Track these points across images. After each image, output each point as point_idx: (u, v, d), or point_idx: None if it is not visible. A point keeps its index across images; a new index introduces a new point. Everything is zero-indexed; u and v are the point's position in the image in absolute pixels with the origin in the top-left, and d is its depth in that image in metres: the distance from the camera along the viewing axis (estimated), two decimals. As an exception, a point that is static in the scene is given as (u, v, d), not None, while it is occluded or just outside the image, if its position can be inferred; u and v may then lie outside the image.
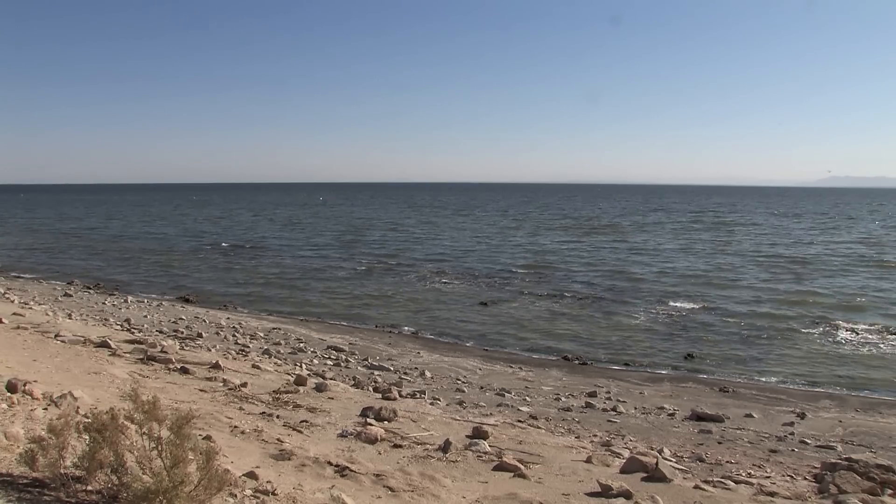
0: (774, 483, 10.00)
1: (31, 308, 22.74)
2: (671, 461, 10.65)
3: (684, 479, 9.40)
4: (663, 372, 19.42)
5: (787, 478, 10.52)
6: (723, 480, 9.69)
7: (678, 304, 28.62)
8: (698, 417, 14.58)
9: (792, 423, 14.49)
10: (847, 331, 23.90)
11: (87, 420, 4.52)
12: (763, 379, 18.79)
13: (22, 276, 35.61)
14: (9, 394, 6.49)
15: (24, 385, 7.29)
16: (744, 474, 10.49)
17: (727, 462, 11.44)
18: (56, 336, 16.09)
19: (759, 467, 11.22)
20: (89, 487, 4.15)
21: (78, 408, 6.74)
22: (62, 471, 4.19)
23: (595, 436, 12.69)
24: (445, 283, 34.85)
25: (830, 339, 22.84)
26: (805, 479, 10.43)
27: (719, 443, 12.90)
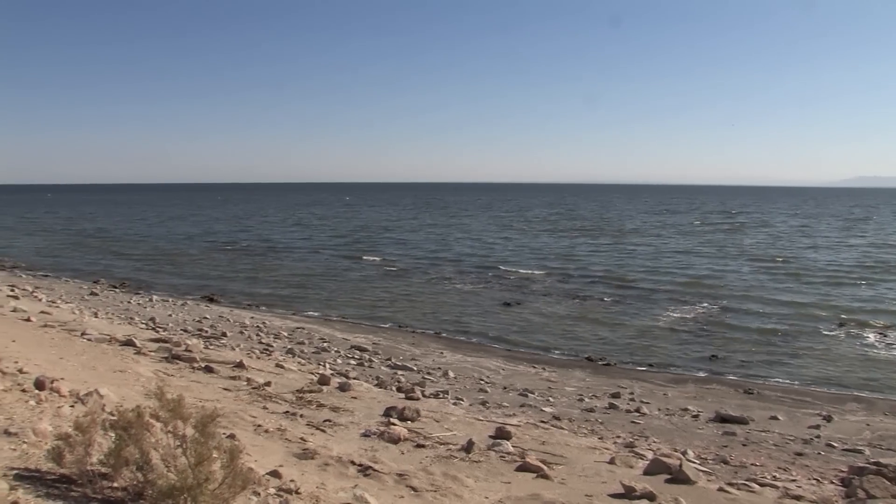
0: (800, 486, 9.90)
1: (57, 306, 22.97)
2: (695, 463, 10.56)
3: (708, 481, 9.33)
4: (687, 373, 19.27)
5: (814, 481, 10.39)
6: (747, 483, 9.60)
7: (702, 306, 28.41)
8: (722, 419, 14.45)
9: (818, 426, 14.32)
10: (874, 334, 23.58)
11: (112, 418, 4.55)
12: (788, 381, 18.59)
13: (49, 274, 35.95)
14: (37, 391, 6.55)
15: (52, 382, 7.36)
16: (769, 477, 10.38)
17: (752, 464, 11.33)
18: (82, 334, 16.25)
19: (785, 470, 11.10)
20: (115, 484, 4.18)
21: (104, 405, 6.79)
22: (89, 467, 4.22)
23: (618, 437, 12.63)
24: (468, 283, 34.83)
25: (857, 343, 22.55)
26: (832, 483, 10.31)
27: (744, 445, 12.79)
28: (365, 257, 45.46)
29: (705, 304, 28.65)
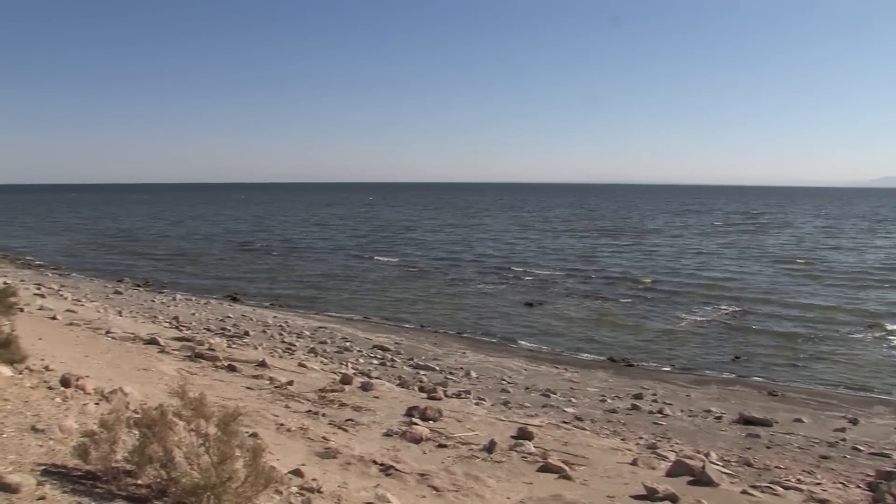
0: (825, 490, 9.78)
1: (83, 305, 23.19)
2: (718, 465, 10.48)
3: (731, 483, 9.26)
4: (710, 374, 19.11)
5: (839, 485, 10.27)
6: (771, 486, 9.51)
7: (724, 307, 28.17)
8: (746, 421, 14.32)
9: (843, 429, 14.14)
10: (902, 337, 23.25)
11: (136, 416, 4.58)
12: (812, 383, 18.38)
13: (74, 273, 36.30)
14: (63, 388, 6.61)
15: (77, 380, 7.42)
16: (793, 480, 10.26)
17: (776, 467, 11.21)
18: (107, 333, 16.40)
19: (810, 473, 10.97)
20: (139, 481, 4.21)
21: (128, 403, 6.83)
22: (113, 464, 4.25)
23: (641, 438, 12.56)
24: (490, 283, 34.78)
25: (883, 346, 22.26)
26: (858, 487, 10.19)
27: (768, 447, 12.66)
28: (386, 257, 45.51)
29: (728, 306, 28.41)
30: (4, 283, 20.85)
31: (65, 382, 7.12)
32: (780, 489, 9.39)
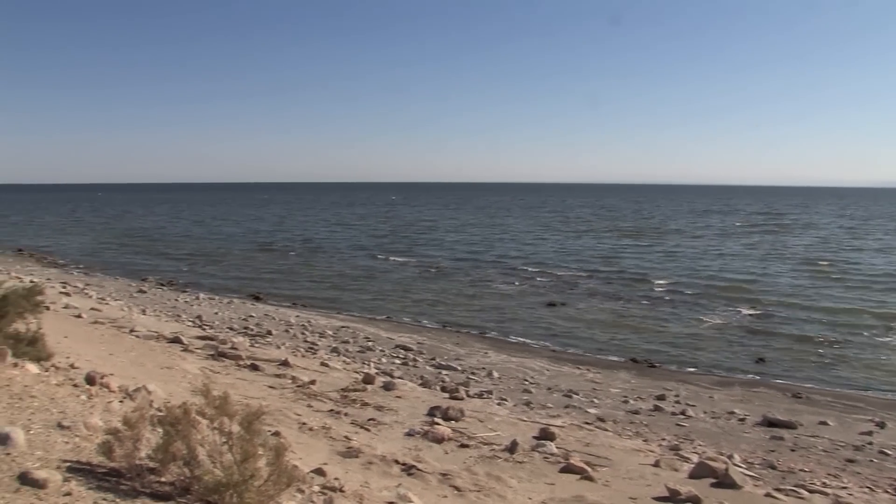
0: (852, 494, 9.68)
1: (107, 303, 23.42)
2: (741, 467, 10.40)
3: (755, 486, 9.18)
4: (733, 376, 18.93)
5: (866, 489, 10.15)
6: (796, 489, 9.43)
7: (747, 308, 27.93)
8: (770, 423, 14.17)
9: (870, 433, 13.95)
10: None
11: (160, 414, 4.60)
12: (838, 386, 18.14)
13: (98, 272, 36.62)
14: (88, 386, 6.66)
15: (102, 378, 7.48)
16: (818, 484, 10.15)
17: (800, 470, 11.10)
18: (131, 331, 16.55)
19: (835, 477, 10.85)
20: (163, 479, 4.23)
21: (152, 401, 6.88)
22: (137, 462, 4.28)
23: (663, 439, 12.50)
24: (511, 283, 34.71)
25: (911, 348, 21.95)
26: (886, 492, 10.07)
27: (792, 450, 12.53)
28: (407, 257, 45.51)
29: (751, 307, 28.15)
30: (31, 281, 21.11)
31: (90, 380, 7.18)
32: (805, 493, 9.30)
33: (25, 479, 3.73)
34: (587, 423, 12.94)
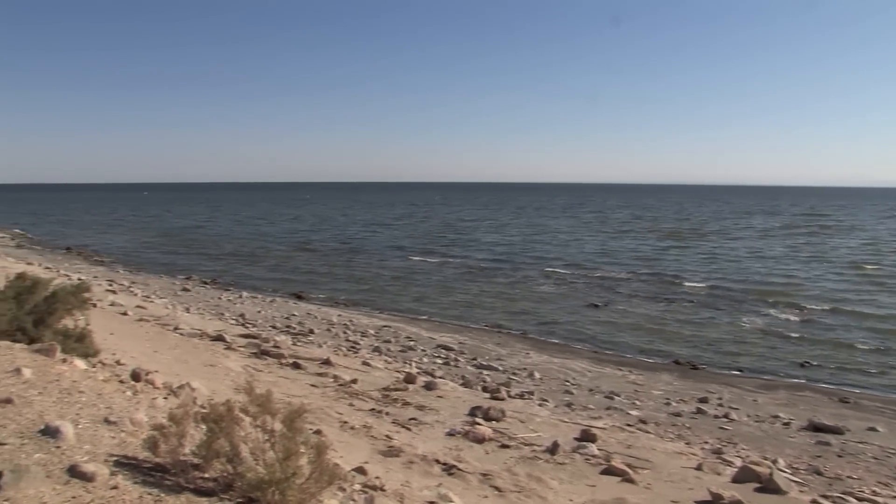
0: (904, 503, 9.46)
1: (152, 301, 23.80)
2: (786, 472, 10.23)
3: (800, 492, 9.03)
4: (777, 379, 18.59)
5: (920, 499, 9.90)
6: (843, 497, 9.25)
7: (792, 311, 27.46)
8: (816, 428, 13.88)
9: (924, 441, 13.60)
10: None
11: (204, 411, 4.65)
12: (887, 391, 17.71)
13: (142, 271, 37.18)
14: (133, 382, 6.76)
15: (147, 375, 7.60)
16: (867, 491, 9.93)
17: (848, 477, 10.87)
18: (175, 329, 16.80)
19: (886, 485, 10.60)
20: (206, 475, 4.27)
21: (195, 398, 6.96)
22: (181, 458, 4.32)
23: (706, 443, 12.35)
24: (552, 284, 34.58)
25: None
26: (940, 501, 9.80)
27: (839, 456, 12.27)
28: (447, 257, 45.53)
29: (795, 310, 27.67)
30: (79, 279, 21.53)
31: (135, 377, 7.29)
32: (853, 500, 9.12)
33: (74, 472, 3.80)
34: (629, 425, 12.83)
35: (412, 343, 20.67)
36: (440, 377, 15.64)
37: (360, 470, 6.33)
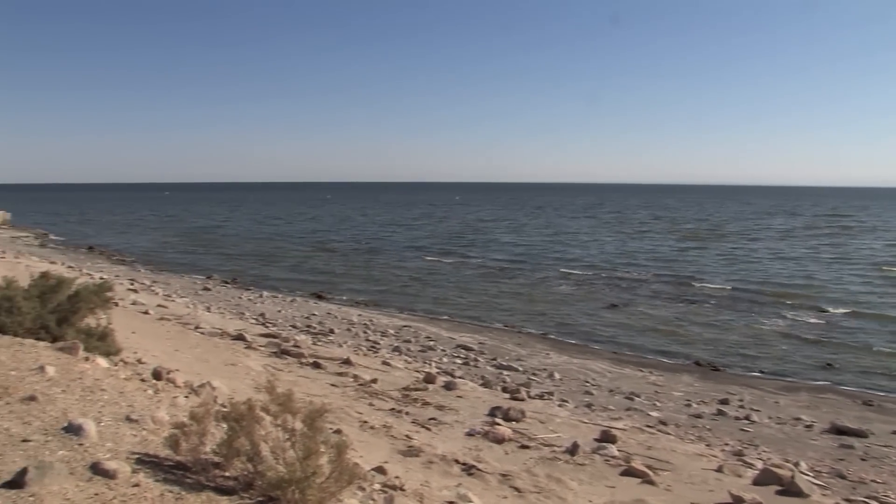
0: (931, 509, 9.34)
1: (173, 300, 23.95)
2: (808, 476, 10.13)
3: (823, 495, 8.94)
4: (799, 381, 18.41)
5: (947, 505, 9.76)
6: (867, 501, 9.15)
7: (814, 312, 27.23)
8: (838, 431, 13.73)
9: (951, 445, 13.40)
10: None
11: (225, 409, 4.67)
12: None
13: (164, 270, 37.42)
14: (154, 381, 6.81)
15: (168, 373, 7.65)
16: (893, 496, 9.81)
17: (872, 481, 10.74)
18: (196, 328, 16.89)
19: (911, 489, 10.46)
20: (227, 473, 4.28)
21: (216, 397, 7.00)
22: (202, 456, 4.34)
23: (726, 445, 12.27)
24: (572, 284, 34.51)
25: None
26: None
27: (863, 459, 12.13)
28: (467, 258, 45.53)
29: (816, 312, 27.43)
30: (101, 278, 21.70)
31: (156, 375, 7.34)
32: (878, 504, 9.02)
33: (97, 469, 3.83)
34: (649, 427, 12.76)
35: (432, 343, 20.68)
36: (460, 377, 15.63)
37: (380, 469, 6.33)
